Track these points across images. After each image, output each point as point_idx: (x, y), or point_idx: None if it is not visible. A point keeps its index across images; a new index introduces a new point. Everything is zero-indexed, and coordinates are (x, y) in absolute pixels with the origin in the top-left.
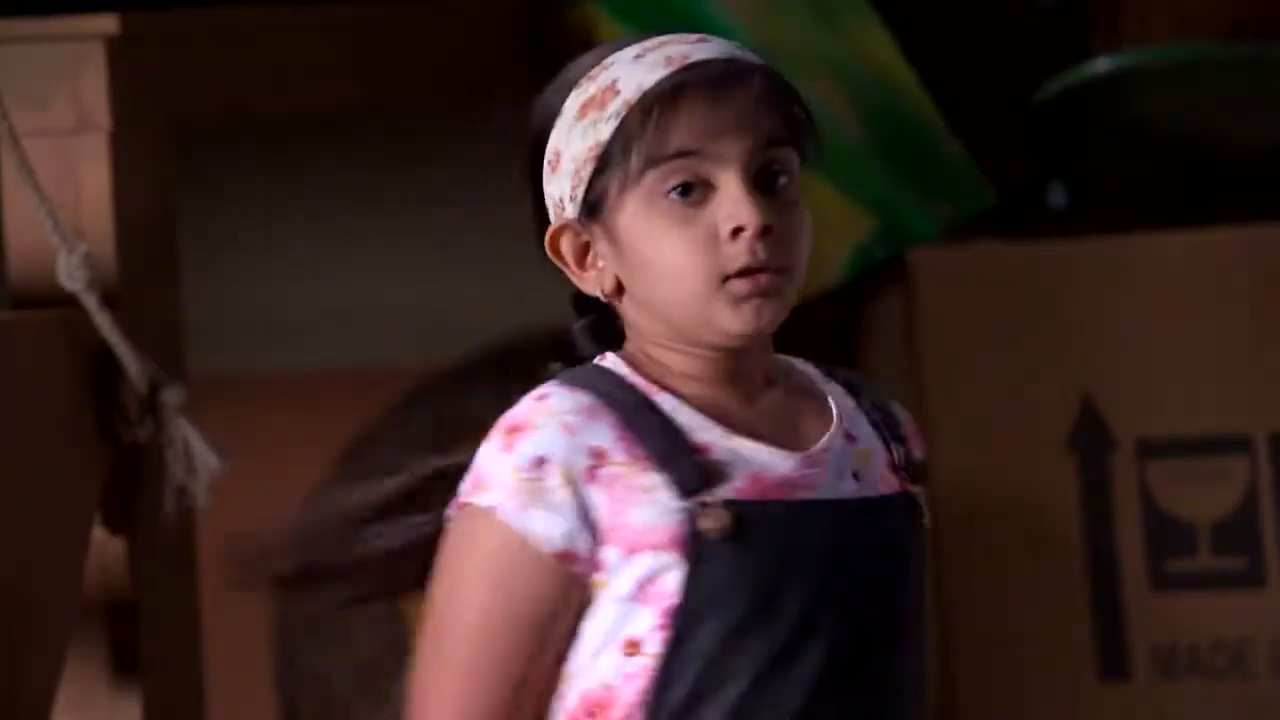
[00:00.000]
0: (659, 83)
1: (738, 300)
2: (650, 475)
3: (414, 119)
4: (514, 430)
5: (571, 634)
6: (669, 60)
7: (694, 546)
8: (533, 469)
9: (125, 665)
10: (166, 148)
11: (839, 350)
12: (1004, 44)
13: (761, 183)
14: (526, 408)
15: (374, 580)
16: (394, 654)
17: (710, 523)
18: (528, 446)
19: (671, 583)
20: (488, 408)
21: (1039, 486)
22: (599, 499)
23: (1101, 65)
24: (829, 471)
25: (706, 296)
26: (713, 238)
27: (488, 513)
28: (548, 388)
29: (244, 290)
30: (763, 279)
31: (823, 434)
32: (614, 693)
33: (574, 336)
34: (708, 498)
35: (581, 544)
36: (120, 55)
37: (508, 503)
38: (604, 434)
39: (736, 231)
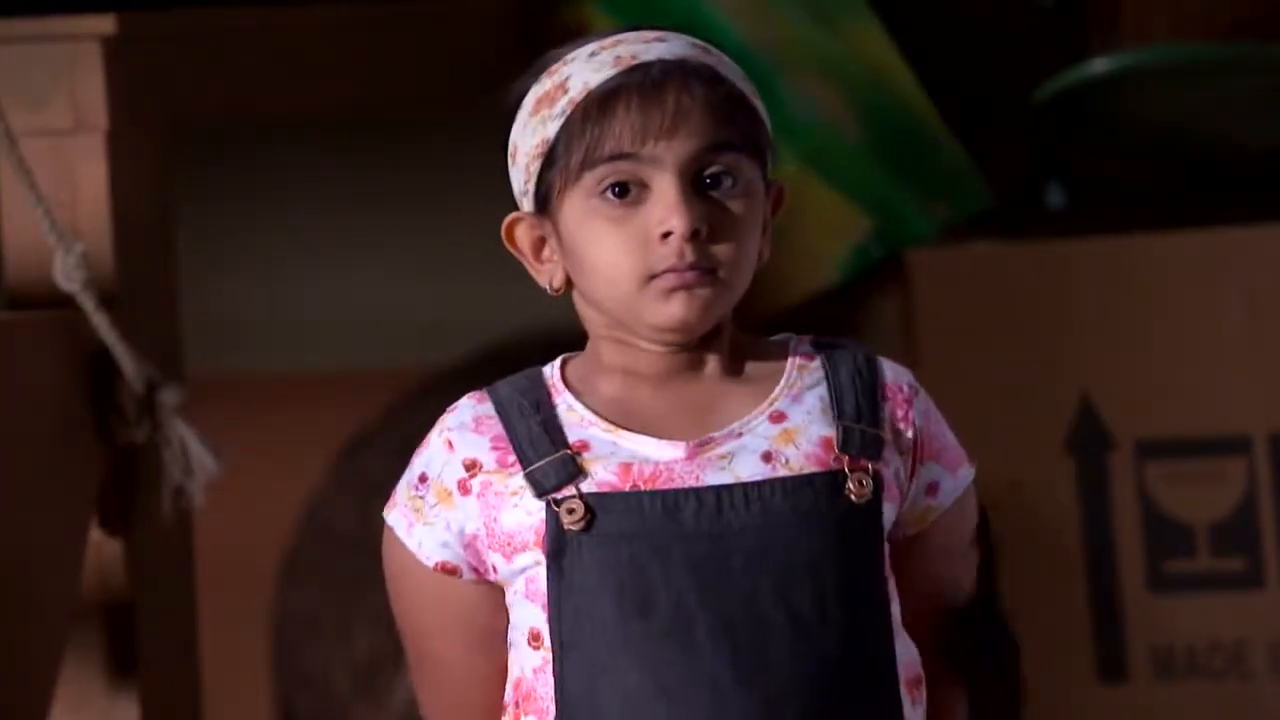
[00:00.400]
0: (601, 84)
1: (663, 294)
2: (516, 479)
3: (411, 119)
4: (420, 446)
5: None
6: (617, 60)
7: (554, 541)
8: (417, 486)
9: (122, 666)
10: (164, 148)
11: None
12: (1002, 44)
13: (702, 186)
14: (437, 421)
15: None
16: (392, 655)
17: (567, 517)
18: (418, 463)
19: (543, 580)
20: None
21: (1037, 487)
22: (472, 509)
23: (1100, 65)
24: (724, 458)
25: (635, 294)
26: (644, 239)
27: (390, 529)
28: (463, 398)
29: (241, 291)
30: (689, 275)
31: (740, 418)
32: (531, 684)
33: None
34: (566, 493)
35: (459, 555)
36: (118, 55)
37: (399, 522)
38: (480, 445)
39: (666, 235)
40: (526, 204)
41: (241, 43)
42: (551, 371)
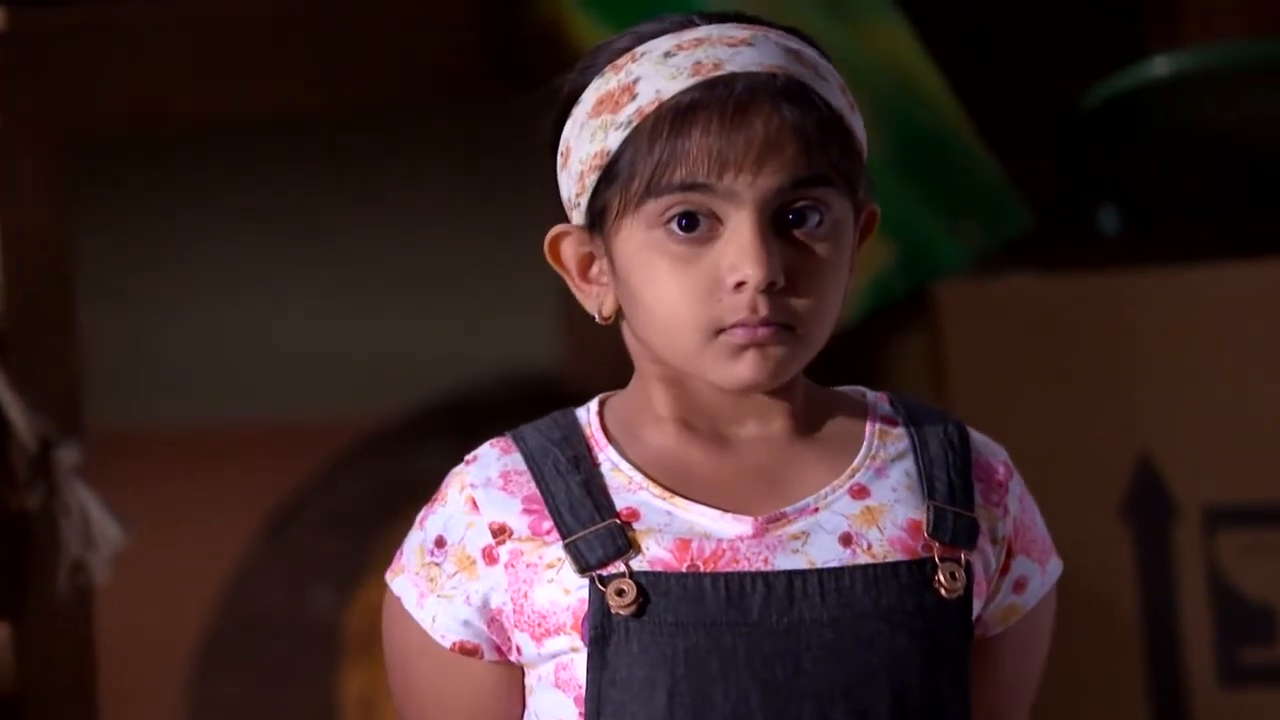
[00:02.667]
0: (676, 96)
1: (733, 352)
2: (553, 549)
3: (351, 128)
4: (432, 500)
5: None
6: (697, 68)
7: (598, 626)
8: (433, 551)
9: None
10: (61, 163)
11: None
12: (1042, 43)
13: (785, 224)
14: (452, 473)
15: None
16: None
17: (615, 599)
18: (434, 524)
19: (579, 668)
20: (435, 470)
21: (1087, 561)
22: (499, 581)
23: (1159, 67)
24: (798, 538)
25: (699, 349)
26: (713, 285)
27: (396, 599)
28: (484, 446)
29: (152, 330)
30: (761, 332)
31: (815, 490)
32: None
33: None
34: (613, 570)
35: (480, 634)
36: (7, 55)
37: (408, 592)
38: (510, 506)
39: (739, 284)
40: (576, 216)
41: (152, 41)
42: (589, 417)
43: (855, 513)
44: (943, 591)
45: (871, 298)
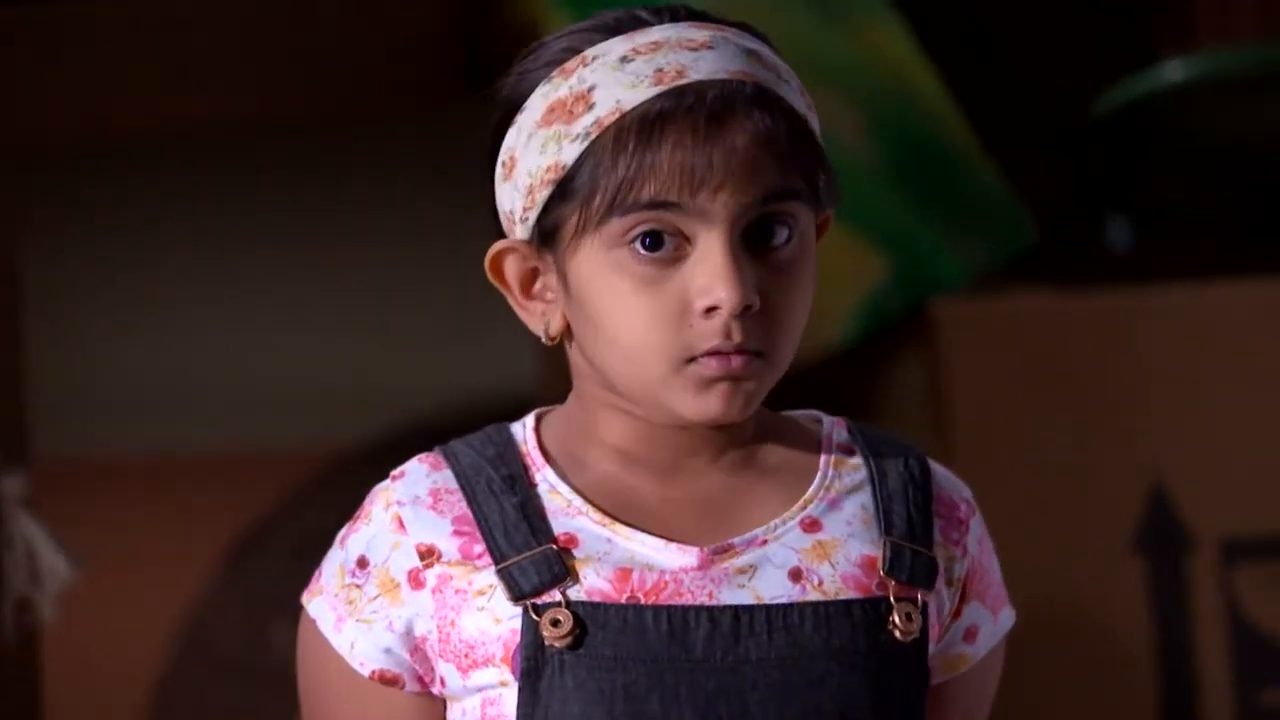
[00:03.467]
0: (641, 105)
1: (703, 384)
2: (484, 574)
3: (318, 138)
4: (354, 518)
5: None
6: (659, 75)
7: (530, 659)
8: (354, 572)
9: None
10: (6, 171)
11: None
12: (1048, 45)
13: (753, 239)
14: (377, 489)
15: None
16: None
17: (549, 629)
18: (356, 543)
19: (509, 704)
20: None
21: (1097, 597)
22: (425, 606)
23: (1172, 72)
24: (744, 571)
25: (665, 379)
26: (681, 309)
27: (312, 622)
28: (411, 462)
29: (103, 354)
30: (735, 361)
31: (765, 522)
32: None
33: None
34: (549, 598)
35: (402, 662)
36: None
37: (325, 616)
38: (439, 527)
39: (711, 309)
40: (521, 230)
41: (105, 43)
42: (525, 434)
43: (806, 547)
44: (897, 633)
45: (865, 317)
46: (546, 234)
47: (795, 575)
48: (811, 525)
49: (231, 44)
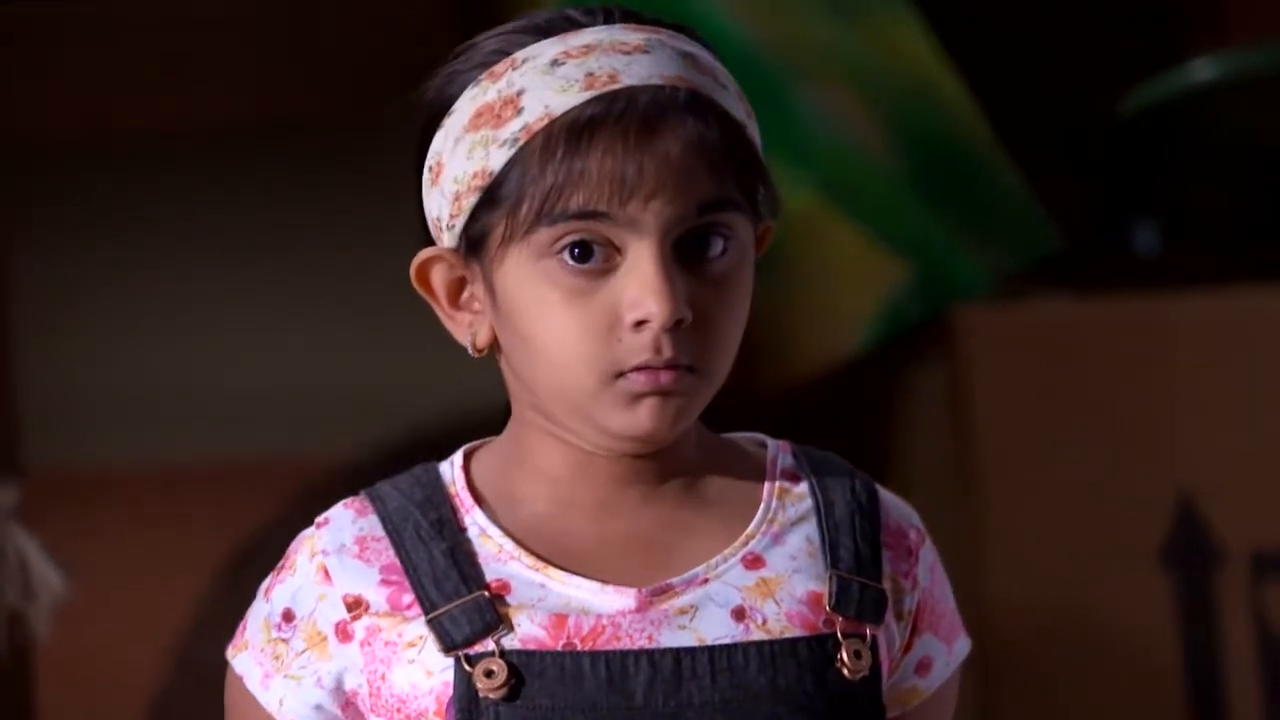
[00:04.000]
0: (570, 111)
1: (631, 399)
2: (414, 625)
3: (321, 137)
4: (279, 568)
5: None
6: (590, 80)
7: (464, 711)
8: (280, 626)
9: None
10: None
11: (859, 439)
12: (1072, 44)
13: (687, 251)
14: (301, 536)
15: None
16: None
17: (483, 680)
18: (280, 595)
19: None
20: None
21: (1124, 613)
22: (354, 660)
23: (1200, 71)
24: (685, 612)
25: (593, 393)
26: (611, 322)
27: (239, 678)
28: (336, 508)
29: (98, 361)
30: (665, 376)
31: (705, 559)
32: None
33: None
34: (481, 648)
35: (334, 718)
36: None
37: (251, 672)
38: (366, 577)
39: (640, 323)
40: (448, 239)
41: (101, 43)
42: (453, 473)
43: (749, 584)
44: (845, 671)
45: (884, 323)
46: (473, 242)
47: (738, 614)
48: (754, 561)
49: (232, 44)
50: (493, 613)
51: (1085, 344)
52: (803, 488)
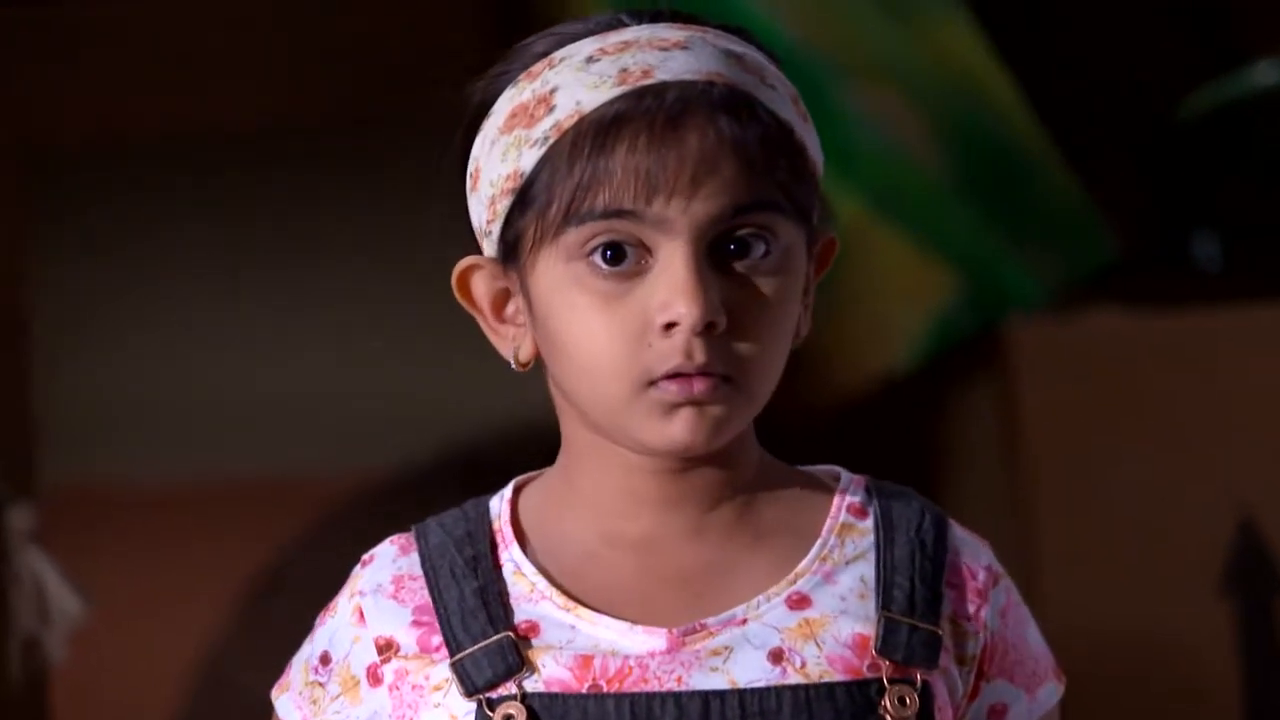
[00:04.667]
0: (599, 107)
1: (665, 409)
2: (440, 668)
3: (351, 139)
4: (328, 607)
5: None
6: (623, 76)
7: None
8: (318, 669)
9: None
10: (17, 181)
11: (907, 457)
12: (1131, 47)
13: (725, 255)
14: (352, 572)
15: None
16: None
17: None
18: (322, 636)
19: None
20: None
21: (1183, 641)
22: (383, 704)
23: (1263, 75)
24: (718, 653)
25: (626, 402)
26: (642, 326)
27: None
28: (383, 544)
29: (117, 375)
30: (698, 385)
31: (748, 598)
32: None
33: None
34: (504, 691)
35: None
36: None
37: (291, 715)
38: (398, 618)
39: (670, 325)
40: (488, 247)
41: (119, 44)
42: (500, 507)
43: (791, 625)
44: (888, 718)
45: (933, 337)
46: (509, 248)
47: (776, 657)
48: (800, 601)
49: (257, 46)
50: (515, 655)
51: (1142, 360)
52: (867, 524)
